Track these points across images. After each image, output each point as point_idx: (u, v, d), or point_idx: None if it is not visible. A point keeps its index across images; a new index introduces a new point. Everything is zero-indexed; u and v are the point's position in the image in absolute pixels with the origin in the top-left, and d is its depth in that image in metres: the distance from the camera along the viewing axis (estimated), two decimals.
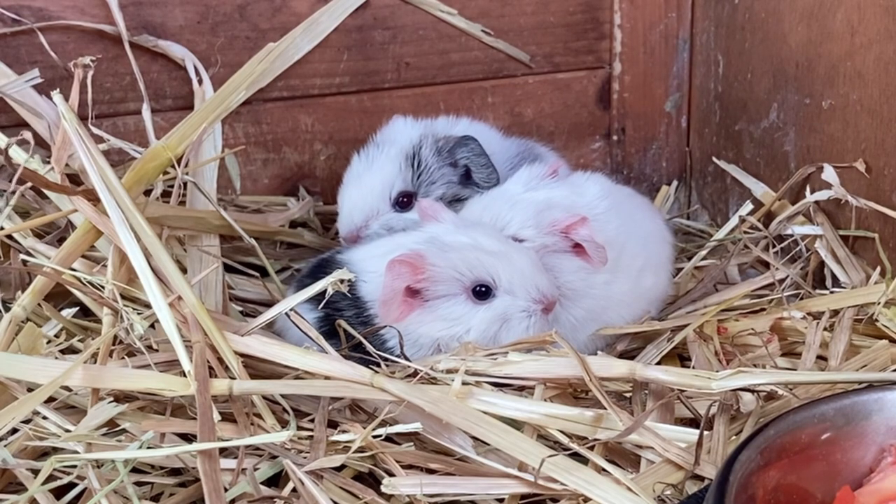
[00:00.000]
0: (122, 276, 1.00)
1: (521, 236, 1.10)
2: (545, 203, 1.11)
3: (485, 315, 1.04)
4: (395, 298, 1.02)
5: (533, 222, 1.10)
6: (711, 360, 1.07)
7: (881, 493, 0.80)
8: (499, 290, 1.04)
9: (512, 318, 1.04)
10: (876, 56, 1.16)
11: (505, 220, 1.11)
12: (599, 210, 1.13)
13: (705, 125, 1.53)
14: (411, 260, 1.02)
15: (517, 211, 1.11)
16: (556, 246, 1.10)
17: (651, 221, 1.24)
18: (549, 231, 1.09)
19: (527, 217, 1.10)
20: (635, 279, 1.16)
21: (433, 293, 1.03)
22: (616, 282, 1.13)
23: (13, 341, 0.94)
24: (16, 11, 1.26)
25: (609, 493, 0.81)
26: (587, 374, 0.93)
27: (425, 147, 1.21)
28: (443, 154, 1.21)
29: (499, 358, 0.99)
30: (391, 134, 1.25)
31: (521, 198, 1.13)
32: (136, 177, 1.08)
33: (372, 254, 1.09)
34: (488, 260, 1.04)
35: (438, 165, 1.21)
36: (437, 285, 1.03)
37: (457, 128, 1.27)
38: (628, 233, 1.15)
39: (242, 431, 0.88)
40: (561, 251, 1.10)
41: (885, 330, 1.11)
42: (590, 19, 1.49)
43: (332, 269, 1.05)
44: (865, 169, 1.20)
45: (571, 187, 1.15)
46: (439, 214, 1.10)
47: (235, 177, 1.26)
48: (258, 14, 1.35)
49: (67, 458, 0.82)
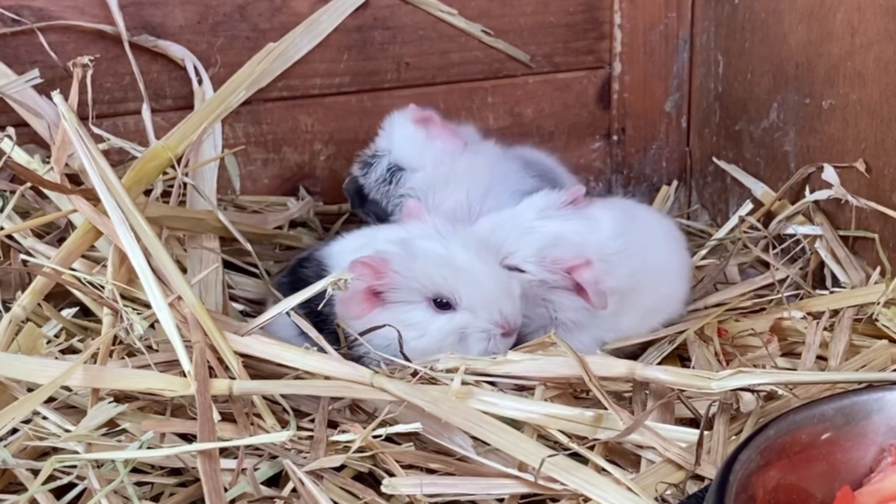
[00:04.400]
0: (122, 276, 1.00)
1: (522, 268, 1.09)
2: (553, 237, 1.09)
3: (442, 325, 1.03)
4: (354, 297, 1.02)
5: (536, 257, 1.08)
6: (711, 361, 1.07)
7: (881, 493, 0.80)
8: (459, 306, 1.03)
9: (470, 336, 1.04)
10: (876, 56, 1.16)
11: (511, 248, 1.09)
12: (611, 251, 1.09)
13: (705, 125, 1.53)
14: (374, 263, 1.01)
15: (524, 242, 1.09)
16: (557, 283, 1.09)
17: (671, 255, 1.19)
18: (551, 268, 1.08)
19: (532, 251, 1.09)
20: (642, 317, 1.14)
21: (393, 297, 1.03)
22: (623, 317, 1.12)
23: (13, 341, 0.94)
24: (16, 11, 1.26)
25: (609, 493, 0.81)
26: (587, 374, 0.93)
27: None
28: None
29: (497, 357, 0.99)
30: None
31: (531, 226, 1.10)
32: (137, 177, 1.08)
33: (344, 248, 1.09)
34: (453, 276, 1.02)
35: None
36: (397, 291, 1.03)
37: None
38: (640, 274, 1.11)
39: (242, 431, 0.88)
40: (562, 288, 1.09)
41: (885, 330, 1.11)
42: (590, 19, 1.49)
43: (311, 266, 1.08)
44: (865, 169, 1.20)
45: (586, 222, 1.11)
46: (423, 215, 1.10)
47: (235, 177, 1.26)
48: (258, 14, 1.35)
49: (67, 458, 0.82)
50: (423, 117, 1.27)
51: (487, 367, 0.98)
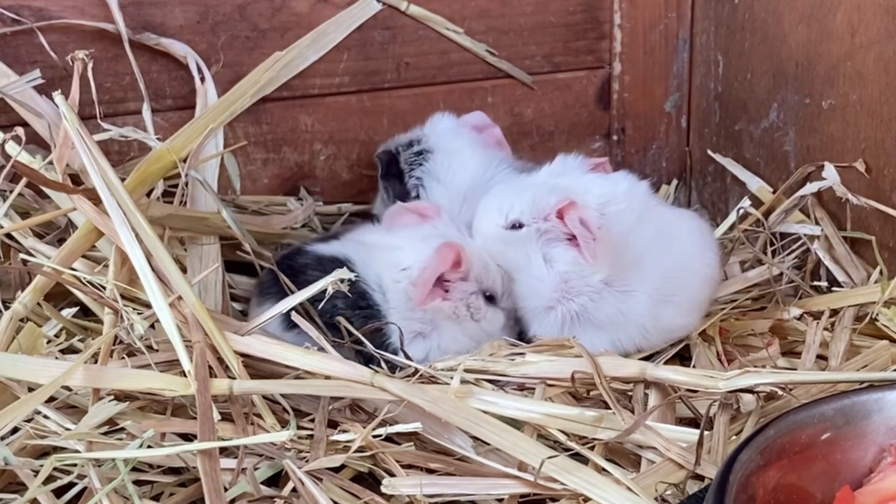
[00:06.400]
0: (123, 276, 1.00)
1: (521, 220, 1.08)
2: (551, 187, 1.08)
3: (500, 317, 1.12)
4: (429, 281, 1.05)
5: (531, 207, 1.07)
6: (713, 361, 1.07)
7: (881, 493, 0.80)
8: (499, 302, 1.11)
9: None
10: (876, 56, 1.16)
11: (507, 204, 1.09)
12: (614, 207, 1.07)
13: (705, 125, 1.53)
14: (459, 250, 1.05)
15: (519, 196, 1.08)
16: (553, 233, 1.07)
17: (696, 260, 1.13)
18: (545, 215, 1.06)
19: (525, 201, 1.08)
20: (653, 307, 1.09)
21: (458, 287, 1.08)
22: (629, 299, 1.08)
23: (13, 341, 0.94)
24: (16, 11, 1.26)
25: (609, 493, 0.81)
26: (598, 375, 0.94)
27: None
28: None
29: (516, 359, 1.00)
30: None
31: (532, 183, 1.10)
32: (140, 178, 1.08)
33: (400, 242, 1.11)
34: (495, 273, 1.10)
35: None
36: (462, 283, 1.08)
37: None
38: (650, 250, 1.08)
39: (242, 431, 0.88)
40: (559, 239, 1.07)
41: (885, 330, 1.11)
42: (590, 19, 1.49)
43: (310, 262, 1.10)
44: (865, 169, 1.20)
45: (599, 179, 1.09)
46: (439, 213, 1.12)
47: (235, 177, 1.26)
48: (258, 14, 1.35)
49: (68, 456, 0.82)
50: (483, 125, 1.32)
51: (489, 366, 0.99)
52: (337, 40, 1.36)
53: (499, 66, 1.46)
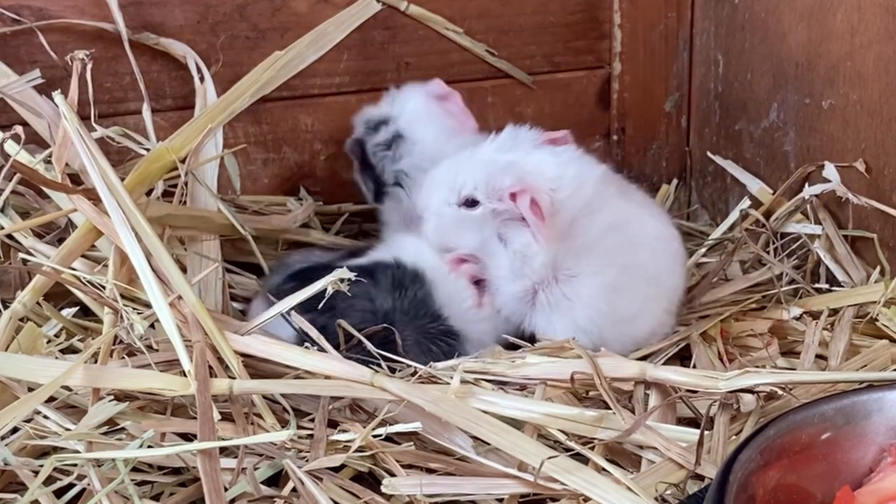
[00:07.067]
0: (123, 275, 1.00)
1: (476, 197, 1.07)
2: (506, 164, 1.07)
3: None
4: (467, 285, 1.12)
5: (485, 185, 1.07)
6: (713, 361, 1.07)
7: (881, 493, 0.80)
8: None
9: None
10: (876, 56, 1.16)
11: (459, 180, 1.08)
12: (566, 185, 1.07)
13: (705, 125, 1.53)
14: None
15: (471, 172, 1.07)
16: (509, 213, 1.07)
17: (654, 258, 1.13)
18: (499, 196, 1.06)
19: (479, 178, 1.07)
20: (604, 295, 1.08)
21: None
22: (576, 283, 1.08)
23: (13, 341, 0.94)
24: (16, 11, 1.26)
25: (609, 492, 0.81)
26: (598, 375, 0.94)
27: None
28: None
29: (516, 361, 1.00)
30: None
31: (491, 158, 1.08)
32: (140, 178, 1.08)
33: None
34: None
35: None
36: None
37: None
38: (602, 239, 1.08)
39: (242, 431, 0.88)
40: (515, 219, 1.07)
41: (885, 329, 1.11)
42: (590, 19, 1.49)
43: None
44: (865, 169, 1.20)
45: (550, 155, 1.09)
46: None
47: (235, 177, 1.26)
48: (258, 14, 1.35)
49: (68, 457, 0.82)
50: (444, 94, 1.29)
51: (506, 371, 0.99)
52: (337, 40, 1.35)
53: (499, 66, 1.46)
